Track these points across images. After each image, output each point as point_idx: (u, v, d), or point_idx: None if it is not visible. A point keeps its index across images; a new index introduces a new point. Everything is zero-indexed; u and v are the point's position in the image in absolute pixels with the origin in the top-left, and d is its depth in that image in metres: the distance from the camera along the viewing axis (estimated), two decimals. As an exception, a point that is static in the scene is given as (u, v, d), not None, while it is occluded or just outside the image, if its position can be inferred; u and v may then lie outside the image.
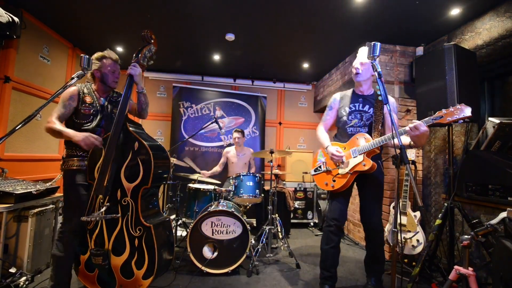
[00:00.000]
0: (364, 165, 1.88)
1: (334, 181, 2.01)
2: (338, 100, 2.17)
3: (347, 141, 2.04)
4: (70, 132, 1.70)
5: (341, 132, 2.13)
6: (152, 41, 1.93)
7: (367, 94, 2.07)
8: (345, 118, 2.08)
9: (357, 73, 2.02)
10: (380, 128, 1.97)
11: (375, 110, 2.00)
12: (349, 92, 2.15)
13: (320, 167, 2.13)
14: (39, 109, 1.37)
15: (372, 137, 1.93)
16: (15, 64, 2.65)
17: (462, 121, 1.53)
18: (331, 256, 2.03)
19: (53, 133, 1.72)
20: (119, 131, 1.72)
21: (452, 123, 1.63)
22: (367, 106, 2.04)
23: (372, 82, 2.09)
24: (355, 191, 2.17)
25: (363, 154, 1.89)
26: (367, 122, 2.03)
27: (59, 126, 1.71)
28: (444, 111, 1.55)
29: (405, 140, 1.78)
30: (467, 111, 1.47)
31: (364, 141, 1.93)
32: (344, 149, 2.01)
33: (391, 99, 2.03)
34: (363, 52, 2.02)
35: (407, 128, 1.63)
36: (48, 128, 1.71)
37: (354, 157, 1.93)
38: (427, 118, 1.61)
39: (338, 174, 1.99)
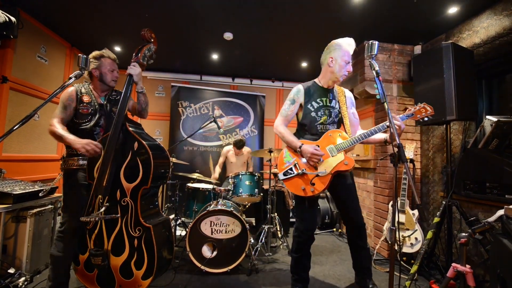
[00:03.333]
0: (347, 164, 1.75)
1: (313, 184, 1.77)
2: (303, 92, 1.94)
3: (317, 139, 1.87)
4: (71, 138, 1.69)
5: (307, 129, 1.92)
6: (152, 40, 1.91)
7: (331, 88, 1.96)
8: (313, 114, 1.90)
9: (345, 77, 1.95)
10: (348, 123, 1.91)
11: (341, 105, 1.92)
12: (313, 84, 1.98)
13: (291, 169, 1.84)
14: (36, 109, 1.37)
15: None
16: (13, 64, 2.64)
17: (427, 118, 1.71)
18: (302, 263, 1.95)
19: (55, 137, 1.73)
20: (118, 131, 1.71)
21: (421, 120, 1.74)
22: (333, 101, 1.92)
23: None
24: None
25: (342, 152, 1.78)
26: (336, 119, 1.92)
27: (60, 130, 1.70)
28: (412, 109, 1.74)
29: (381, 136, 1.78)
30: (429, 110, 1.68)
31: (340, 138, 1.81)
32: (318, 147, 1.83)
33: (348, 93, 2.01)
34: (353, 47, 1.97)
35: (387, 124, 1.66)
36: (50, 131, 1.72)
37: (333, 156, 1.78)
38: (401, 115, 1.73)
39: (317, 176, 1.77)
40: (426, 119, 1.70)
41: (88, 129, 1.80)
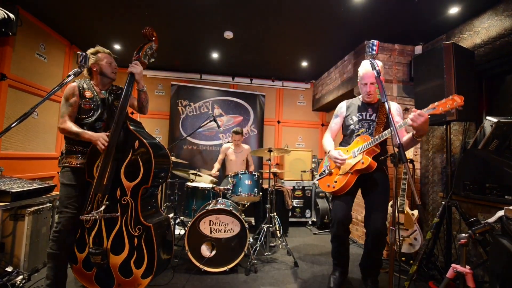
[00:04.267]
0: (363, 163, 1.89)
1: (335, 182, 2.03)
2: (345, 108, 2.18)
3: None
4: (87, 133, 1.72)
5: (347, 140, 2.13)
6: (154, 38, 1.92)
7: (375, 102, 2.08)
8: (352, 126, 2.10)
9: (369, 95, 2.02)
10: (382, 130, 1.96)
11: (378, 114, 2.02)
12: (356, 100, 2.16)
13: (324, 171, 2.15)
14: (35, 107, 1.36)
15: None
16: (11, 62, 2.63)
17: (454, 109, 1.53)
18: (337, 252, 2.14)
19: (69, 134, 1.74)
20: (119, 129, 1.71)
21: (445, 113, 1.60)
22: (374, 115, 2.05)
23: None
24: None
25: (362, 153, 1.92)
26: (374, 130, 2.03)
27: (75, 128, 1.72)
28: (436, 103, 1.57)
29: (407, 135, 1.78)
30: (459, 100, 1.48)
31: (364, 142, 1.97)
32: (347, 151, 2.04)
33: (395, 105, 2.10)
34: (369, 71, 1.93)
35: (410, 117, 1.60)
36: (63, 129, 1.73)
37: (354, 157, 1.96)
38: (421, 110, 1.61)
39: (340, 175, 2.02)
40: (452, 111, 1.60)
41: (90, 123, 1.80)
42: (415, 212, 2.55)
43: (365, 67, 1.98)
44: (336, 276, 2.13)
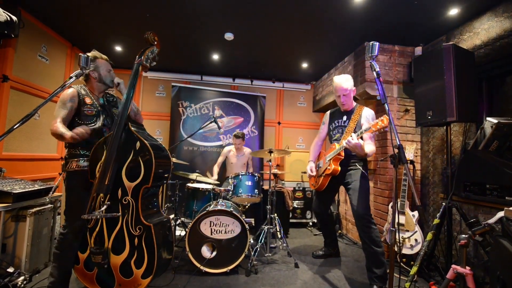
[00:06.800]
0: (329, 169, 2.31)
1: (316, 182, 2.54)
2: (329, 116, 2.59)
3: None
4: (69, 132, 1.70)
5: (330, 145, 2.49)
6: (155, 43, 1.98)
7: (350, 109, 2.41)
8: (331, 133, 2.53)
9: (343, 104, 2.36)
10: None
11: (349, 122, 2.33)
12: (338, 109, 2.52)
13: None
14: (37, 108, 1.37)
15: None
16: (13, 63, 2.64)
17: (386, 128, 1.83)
18: (321, 228, 3.00)
19: (57, 136, 1.73)
20: (121, 131, 1.74)
21: (378, 132, 1.91)
22: (347, 121, 2.37)
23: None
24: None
25: (330, 160, 2.32)
26: (344, 136, 2.35)
27: (61, 128, 1.70)
28: (372, 122, 2.03)
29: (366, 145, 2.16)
30: (384, 122, 1.81)
31: (332, 150, 2.35)
32: (324, 156, 2.49)
33: (368, 111, 2.34)
34: (342, 83, 2.33)
35: (345, 141, 2.07)
36: (53, 131, 1.72)
37: (326, 163, 2.39)
38: (357, 132, 2.06)
39: (318, 177, 2.53)
40: (385, 130, 1.86)
41: (97, 129, 1.84)
42: (416, 213, 2.55)
43: (335, 81, 2.36)
44: (323, 248, 2.94)
